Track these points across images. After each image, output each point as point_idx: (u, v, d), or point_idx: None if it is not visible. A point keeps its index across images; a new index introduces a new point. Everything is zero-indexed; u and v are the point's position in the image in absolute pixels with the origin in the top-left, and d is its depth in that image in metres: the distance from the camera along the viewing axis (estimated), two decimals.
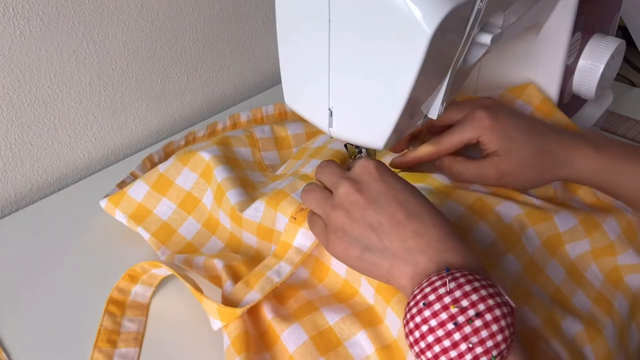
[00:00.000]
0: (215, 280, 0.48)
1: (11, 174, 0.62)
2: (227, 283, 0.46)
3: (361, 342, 0.43)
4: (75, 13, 0.60)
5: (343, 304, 0.46)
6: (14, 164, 0.62)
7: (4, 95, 0.58)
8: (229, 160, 0.57)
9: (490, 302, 0.33)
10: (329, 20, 0.38)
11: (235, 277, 0.47)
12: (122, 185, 0.61)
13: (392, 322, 0.43)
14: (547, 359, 0.41)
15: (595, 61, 0.59)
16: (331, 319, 0.44)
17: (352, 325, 0.44)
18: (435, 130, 0.54)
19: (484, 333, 0.32)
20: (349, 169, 0.42)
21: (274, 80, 0.87)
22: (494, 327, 0.32)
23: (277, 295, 0.48)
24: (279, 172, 0.60)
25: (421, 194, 0.40)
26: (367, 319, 0.44)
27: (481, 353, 0.32)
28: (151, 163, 0.65)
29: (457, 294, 0.33)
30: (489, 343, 0.32)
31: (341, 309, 0.45)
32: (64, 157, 0.66)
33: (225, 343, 0.43)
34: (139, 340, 0.47)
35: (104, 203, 0.58)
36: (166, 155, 0.66)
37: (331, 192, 0.42)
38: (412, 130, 0.47)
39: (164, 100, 0.74)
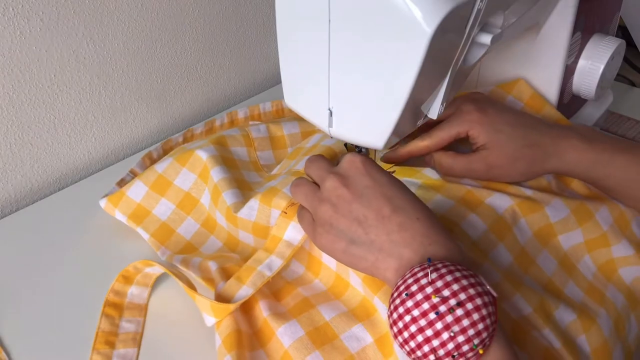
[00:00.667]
0: (209, 282, 0.48)
1: (11, 174, 0.62)
2: (220, 284, 0.46)
3: (358, 334, 0.43)
4: (75, 13, 0.60)
5: (339, 300, 0.46)
6: (14, 164, 0.62)
7: (4, 95, 0.58)
8: (226, 160, 0.58)
9: (472, 291, 0.33)
10: (329, 20, 0.38)
11: (229, 279, 0.48)
12: (121, 183, 0.61)
13: (384, 312, 0.43)
14: (539, 348, 0.41)
15: (595, 61, 0.59)
16: (327, 315, 0.44)
17: (349, 320, 0.44)
18: (425, 125, 0.54)
19: (466, 322, 0.32)
20: (338, 163, 0.43)
21: (274, 80, 0.87)
22: (475, 316, 0.33)
23: (275, 292, 0.48)
24: (274, 172, 0.60)
25: (407, 188, 0.41)
26: (363, 313, 0.44)
27: (463, 341, 0.32)
28: (150, 160, 0.65)
29: (439, 284, 0.34)
30: (471, 331, 0.32)
31: (338, 307, 0.45)
32: (64, 157, 0.66)
33: (217, 342, 0.43)
34: (137, 340, 0.47)
35: (103, 203, 0.58)
36: (164, 152, 0.66)
37: (319, 186, 0.42)
38: (412, 130, 0.47)
39: (164, 100, 0.74)
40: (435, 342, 0.33)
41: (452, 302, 0.33)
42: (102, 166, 0.70)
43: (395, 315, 0.34)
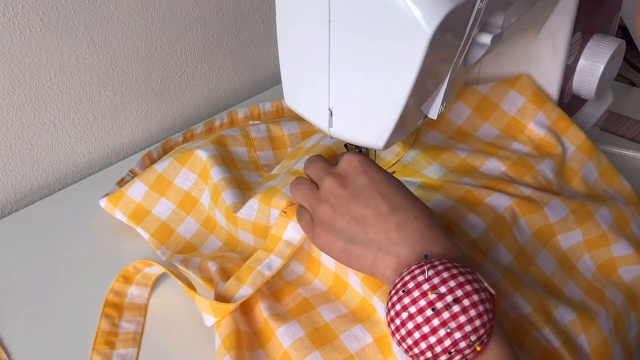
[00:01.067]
0: (209, 282, 0.48)
1: (11, 174, 0.62)
2: (220, 284, 0.46)
3: (358, 334, 0.43)
4: (75, 13, 0.60)
5: (339, 301, 0.46)
6: (14, 164, 0.62)
7: (4, 95, 0.58)
8: (225, 160, 0.58)
9: (468, 288, 0.33)
10: (329, 20, 0.38)
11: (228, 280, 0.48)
12: (121, 183, 0.61)
13: (382, 312, 0.43)
14: (539, 347, 0.41)
15: (595, 61, 0.59)
16: (328, 317, 0.44)
17: (349, 321, 0.44)
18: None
19: (462, 318, 0.32)
20: (337, 163, 0.43)
21: (274, 80, 0.87)
22: (472, 313, 0.33)
23: (275, 293, 0.48)
24: (273, 171, 0.60)
25: (405, 186, 0.41)
26: (362, 313, 0.44)
27: (460, 338, 0.32)
28: (150, 160, 0.65)
29: (436, 280, 0.34)
30: (467, 328, 0.32)
31: (338, 308, 0.45)
32: (64, 157, 0.66)
33: (217, 342, 0.43)
34: (137, 340, 0.47)
35: (103, 202, 0.58)
36: (164, 152, 0.66)
37: (318, 186, 0.42)
38: (412, 130, 0.47)
39: (164, 100, 0.74)
40: (432, 339, 0.33)
41: (449, 298, 0.33)
42: (102, 166, 0.70)
43: (392, 313, 0.34)
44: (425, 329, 0.33)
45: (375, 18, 0.36)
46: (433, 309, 0.33)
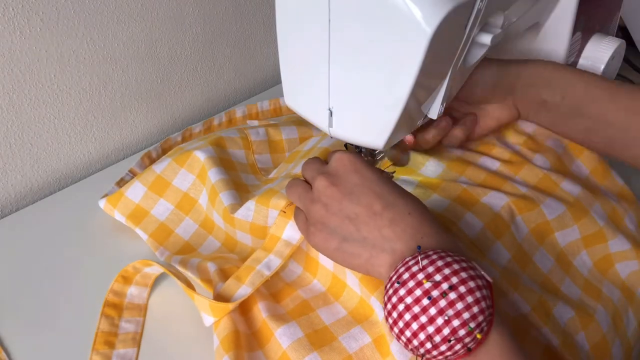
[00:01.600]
0: (208, 283, 0.48)
1: (11, 174, 0.62)
2: (219, 285, 0.46)
3: (356, 334, 0.43)
4: (75, 13, 0.60)
5: (337, 302, 0.46)
6: (14, 164, 0.62)
7: (4, 95, 0.58)
8: (223, 162, 0.58)
9: (464, 274, 0.33)
10: (329, 20, 0.38)
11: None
12: (121, 183, 0.61)
13: (380, 312, 0.43)
14: (538, 346, 0.41)
15: (596, 61, 0.59)
16: (327, 320, 0.44)
17: (348, 324, 0.44)
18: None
19: (460, 305, 0.32)
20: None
21: (274, 80, 0.87)
22: (469, 299, 0.32)
23: (274, 294, 0.48)
24: (271, 175, 0.60)
25: (396, 183, 0.41)
26: (361, 315, 0.44)
27: (458, 326, 0.32)
28: (150, 160, 0.65)
29: (430, 269, 0.33)
30: (466, 315, 0.32)
31: (337, 311, 0.45)
32: (64, 157, 0.66)
33: (215, 343, 0.43)
34: (137, 340, 0.47)
35: (102, 203, 0.58)
36: (163, 151, 0.66)
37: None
38: (412, 130, 0.47)
39: (164, 100, 0.74)
40: (431, 329, 0.32)
41: (445, 286, 0.32)
42: (102, 166, 0.70)
43: (389, 306, 0.34)
44: (423, 319, 0.32)
45: (375, 18, 0.36)
46: (429, 298, 0.32)
